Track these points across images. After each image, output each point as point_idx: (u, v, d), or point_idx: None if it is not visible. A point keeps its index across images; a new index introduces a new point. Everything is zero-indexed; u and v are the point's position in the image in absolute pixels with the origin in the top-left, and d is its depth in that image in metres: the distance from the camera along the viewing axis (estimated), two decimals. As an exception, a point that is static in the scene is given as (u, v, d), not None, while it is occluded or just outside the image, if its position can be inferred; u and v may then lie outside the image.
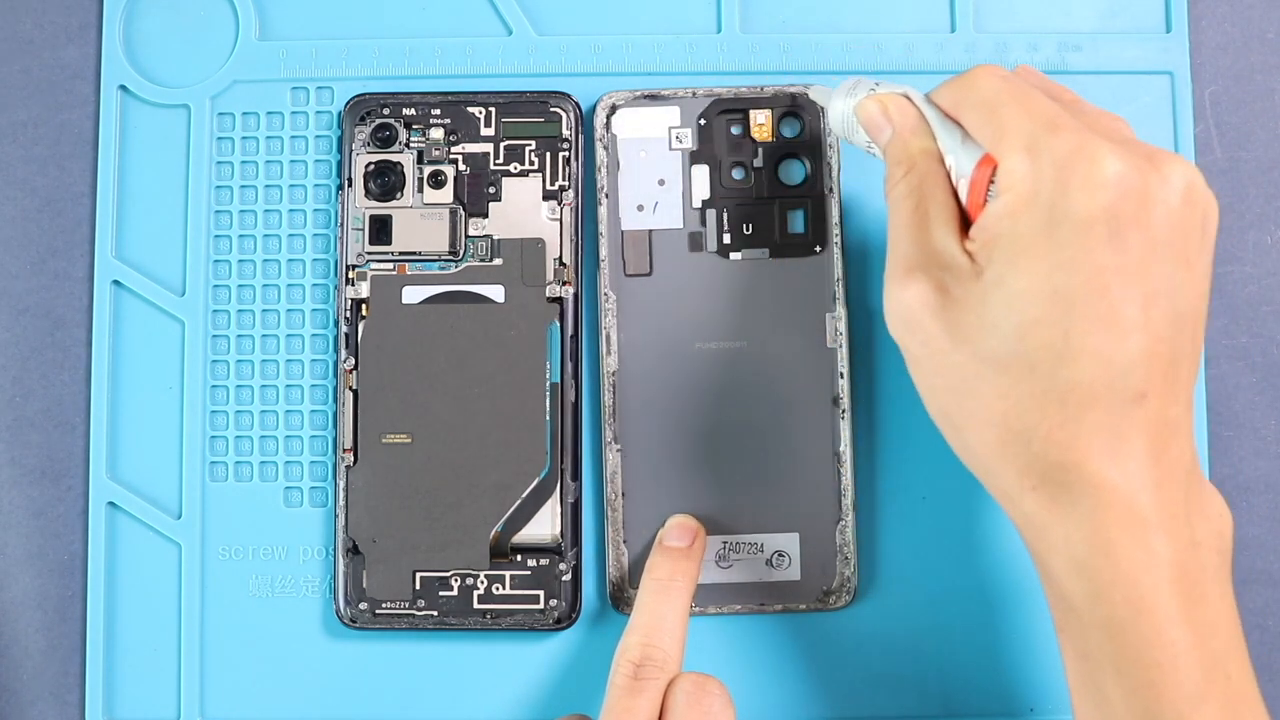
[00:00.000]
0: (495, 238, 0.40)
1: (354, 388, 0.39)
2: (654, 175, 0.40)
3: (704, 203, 0.40)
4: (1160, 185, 0.29)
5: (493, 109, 0.40)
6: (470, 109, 0.40)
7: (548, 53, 0.41)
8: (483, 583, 0.39)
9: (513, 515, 0.39)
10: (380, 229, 0.40)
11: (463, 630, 0.39)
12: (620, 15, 0.42)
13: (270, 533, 0.40)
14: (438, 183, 0.40)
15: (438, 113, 0.40)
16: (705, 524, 0.39)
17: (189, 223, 0.41)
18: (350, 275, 0.40)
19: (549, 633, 0.39)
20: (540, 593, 0.39)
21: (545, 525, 0.39)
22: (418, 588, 0.39)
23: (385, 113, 0.40)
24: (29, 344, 0.41)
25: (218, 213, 0.41)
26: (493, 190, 0.40)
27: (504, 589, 0.39)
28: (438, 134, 0.40)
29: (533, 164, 0.40)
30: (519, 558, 0.39)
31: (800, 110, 0.40)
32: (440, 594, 0.39)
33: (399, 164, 0.40)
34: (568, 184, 0.40)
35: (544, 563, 0.39)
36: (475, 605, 0.39)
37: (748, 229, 0.40)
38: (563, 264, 0.40)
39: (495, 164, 0.40)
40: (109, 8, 0.42)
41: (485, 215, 0.40)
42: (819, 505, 0.39)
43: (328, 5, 0.42)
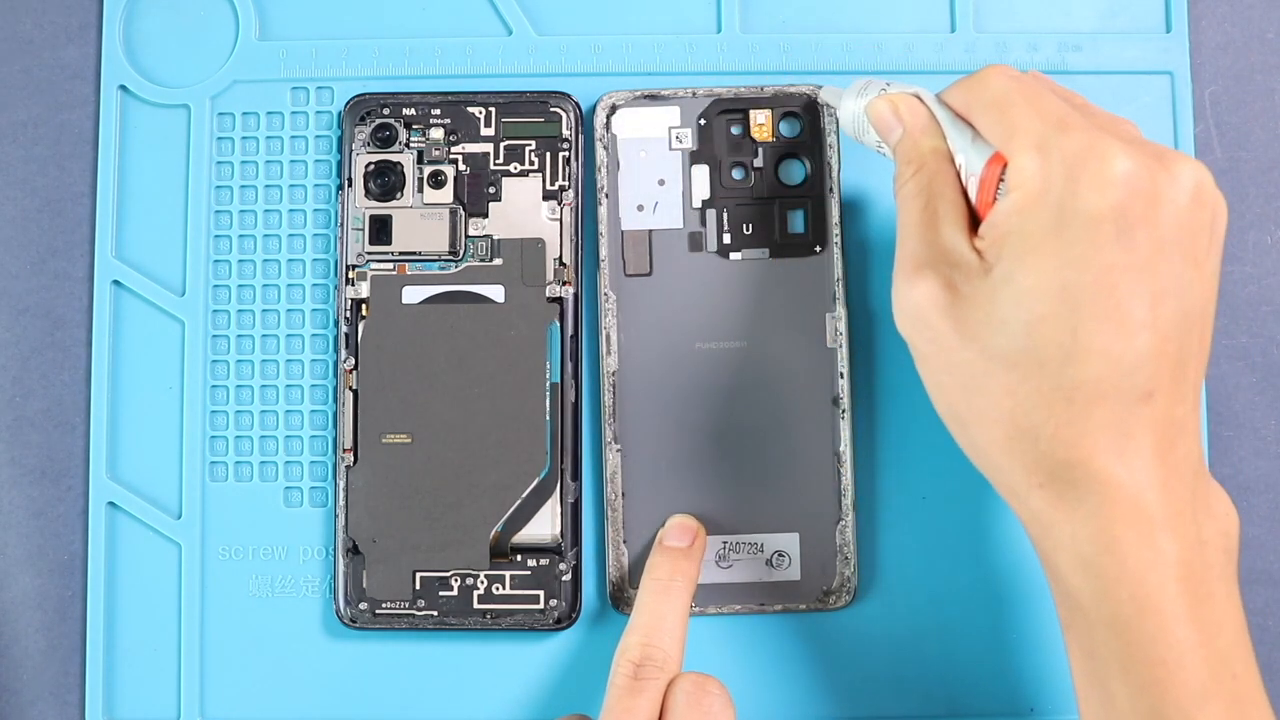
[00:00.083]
0: (495, 238, 0.40)
1: (354, 388, 0.39)
2: (654, 175, 0.40)
3: (704, 203, 0.40)
4: (1169, 184, 0.29)
5: (493, 109, 0.40)
6: (470, 109, 0.40)
7: (548, 53, 0.41)
8: (483, 583, 0.39)
9: (513, 515, 0.39)
10: (380, 229, 0.40)
11: (463, 630, 0.39)
12: (620, 15, 0.42)
13: (270, 533, 0.40)
14: (438, 183, 0.40)
15: (438, 113, 0.40)
16: (705, 524, 0.39)
17: (189, 223, 0.41)
18: (350, 275, 0.40)
19: (549, 633, 0.39)
20: (540, 593, 0.39)
21: (545, 525, 0.39)
22: (418, 588, 0.39)
23: (385, 113, 0.40)
24: (29, 344, 0.41)
25: (218, 213, 0.41)
26: (493, 190, 0.40)
27: (504, 589, 0.39)
28: (438, 134, 0.40)
29: (533, 164, 0.40)
30: (519, 558, 0.39)
31: (800, 110, 0.40)
32: (440, 594, 0.39)
33: (399, 164, 0.40)
34: (568, 184, 0.40)
35: (544, 563, 0.39)
36: (475, 605, 0.39)
37: (748, 229, 0.40)
38: (563, 264, 0.40)
39: (495, 164, 0.40)
40: (109, 8, 0.42)
41: (485, 215, 0.40)
42: (819, 505, 0.39)
43: (328, 5, 0.42)
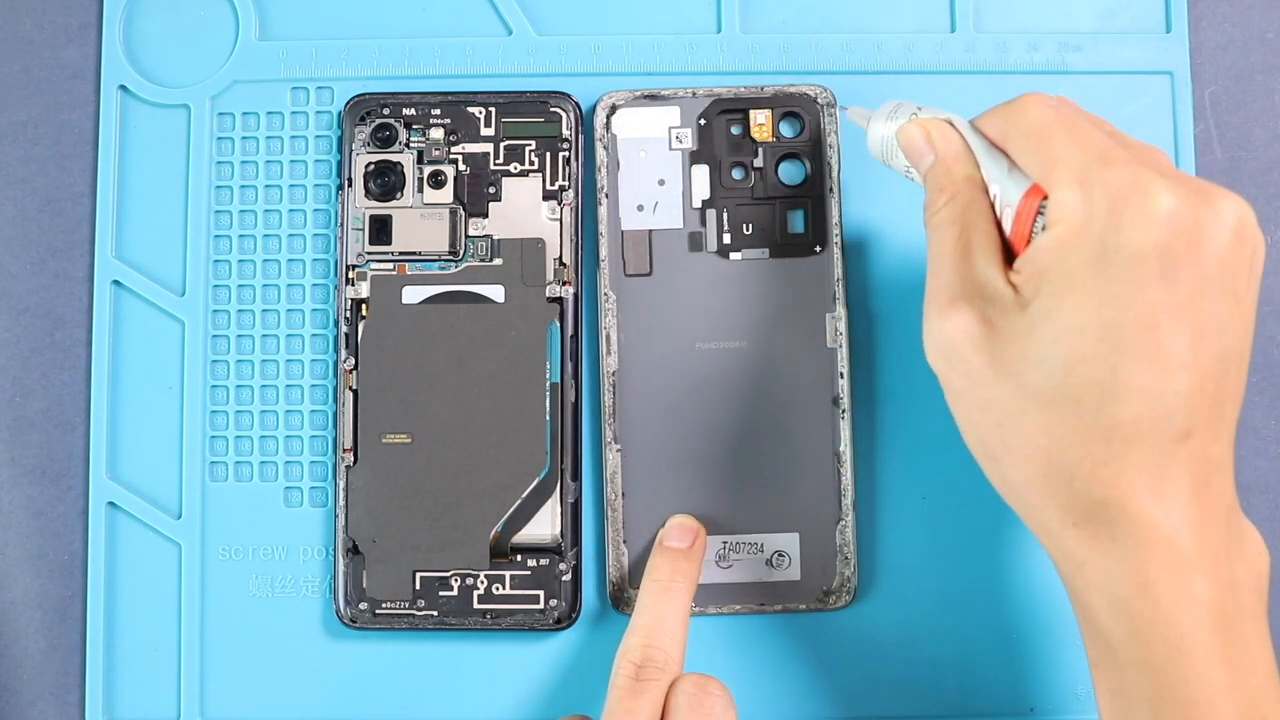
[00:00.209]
0: (495, 238, 0.40)
1: (354, 388, 0.39)
2: (654, 175, 0.40)
3: (704, 203, 0.40)
4: (1213, 221, 0.29)
5: (493, 109, 0.40)
6: (470, 109, 0.40)
7: (548, 53, 0.41)
8: (483, 583, 0.39)
9: (513, 515, 0.39)
10: (380, 229, 0.40)
11: (463, 630, 0.39)
12: (620, 15, 0.42)
13: (270, 533, 0.40)
14: (438, 183, 0.40)
15: (438, 113, 0.40)
16: (705, 524, 0.39)
17: (189, 223, 0.41)
18: (350, 275, 0.40)
19: (549, 633, 0.39)
20: (540, 593, 0.39)
21: (545, 525, 0.39)
22: (418, 588, 0.39)
23: (385, 113, 0.40)
24: (29, 344, 0.41)
25: (218, 213, 0.41)
26: (493, 190, 0.40)
27: (504, 589, 0.39)
28: (438, 134, 0.40)
29: (533, 164, 0.40)
30: (519, 558, 0.39)
31: (800, 110, 0.40)
32: (440, 594, 0.39)
33: (399, 164, 0.40)
34: (568, 184, 0.40)
35: (544, 563, 0.39)
36: (475, 605, 0.39)
37: (748, 229, 0.40)
38: (563, 264, 0.40)
39: (495, 164, 0.40)
40: (109, 8, 0.42)
41: (485, 215, 0.40)
42: (819, 505, 0.39)
43: (328, 5, 0.42)
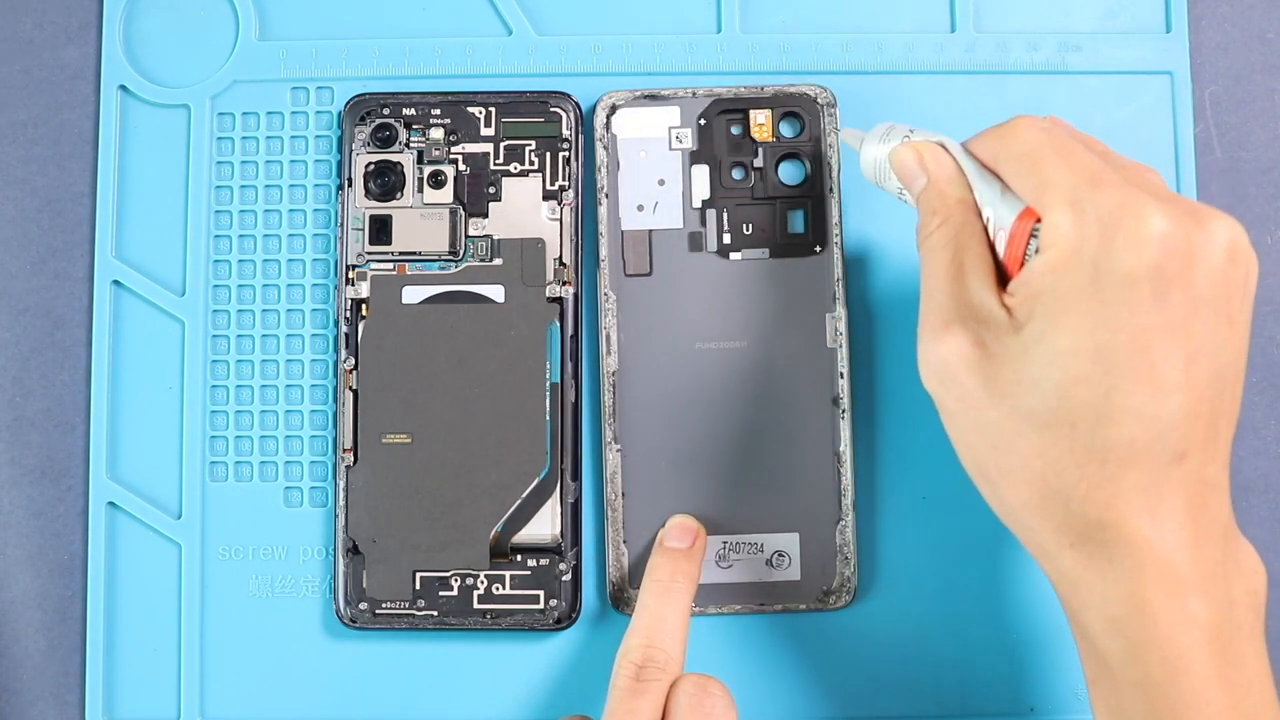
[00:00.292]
0: (495, 238, 0.40)
1: (354, 388, 0.39)
2: (654, 175, 0.40)
3: (704, 203, 0.40)
4: (1205, 243, 0.29)
5: (493, 109, 0.40)
6: (470, 109, 0.40)
7: (548, 53, 0.41)
8: (483, 583, 0.39)
9: (513, 515, 0.39)
10: (380, 229, 0.40)
11: (463, 630, 0.39)
12: (620, 15, 0.42)
13: (270, 533, 0.40)
14: (438, 183, 0.40)
15: (438, 113, 0.40)
16: (705, 524, 0.39)
17: (189, 223, 0.41)
18: (350, 275, 0.40)
19: (549, 633, 0.39)
20: (540, 593, 0.39)
21: (545, 525, 0.39)
22: (418, 588, 0.39)
23: (385, 113, 0.40)
24: (29, 344, 0.41)
25: (218, 213, 0.41)
26: (493, 190, 0.40)
27: (504, 589, 0.39)
28: (438, 134, 0.40)
29: (533, 164, 0.40)
30: (519, 558, 0.39)
31: (800, 110, 0.40)
32: (440, 594, 0.39)
33: (399, 164, 0.40)
34: (568, 184, 0.40)
35: (544, 563, 0.39)
36: (475, 605, 0.39)
37: (748, 229, 0.40)
38: (563, 264, 0.40)
39: (495, 164, 0.40)
40: (109, 8, 0.42)
41: (485, 215, 0.40)
42: (819, 505, 0.39)
43: (328, 5, 0.42)
